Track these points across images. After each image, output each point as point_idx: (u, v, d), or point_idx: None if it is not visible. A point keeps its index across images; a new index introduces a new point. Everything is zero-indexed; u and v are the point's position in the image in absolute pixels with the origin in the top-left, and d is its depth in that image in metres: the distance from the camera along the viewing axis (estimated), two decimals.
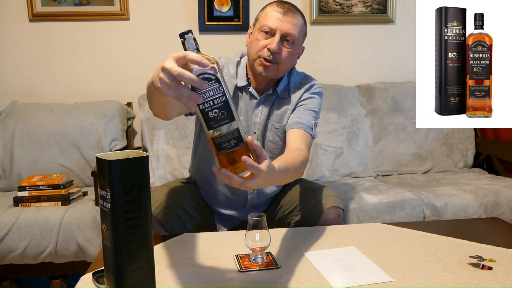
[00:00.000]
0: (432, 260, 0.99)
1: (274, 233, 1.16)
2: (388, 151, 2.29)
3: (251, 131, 1.34)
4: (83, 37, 2.35)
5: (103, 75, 2.38)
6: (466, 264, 0.97)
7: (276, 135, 1.35)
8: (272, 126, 1.34)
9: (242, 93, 1.33)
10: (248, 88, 1.32)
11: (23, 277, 1.85)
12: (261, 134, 1.34)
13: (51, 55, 2.35)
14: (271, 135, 1.35)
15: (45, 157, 2.09)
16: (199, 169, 1.40)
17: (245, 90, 1.33)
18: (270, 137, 1.35)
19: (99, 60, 2.37)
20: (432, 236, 1.14)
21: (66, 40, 2.35)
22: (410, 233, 1.17)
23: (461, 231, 1.19)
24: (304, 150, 1.19)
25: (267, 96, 1.33)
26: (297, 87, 1.36)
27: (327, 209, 1.26)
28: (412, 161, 2.29)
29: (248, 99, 1.33)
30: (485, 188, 1.85)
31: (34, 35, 2.33)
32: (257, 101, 1.32)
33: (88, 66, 2.37)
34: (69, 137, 2.11)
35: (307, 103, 1.33)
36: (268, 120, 1.34)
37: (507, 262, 0.98)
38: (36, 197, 1.80)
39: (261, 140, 1.34)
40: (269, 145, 1.36)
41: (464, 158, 2.34)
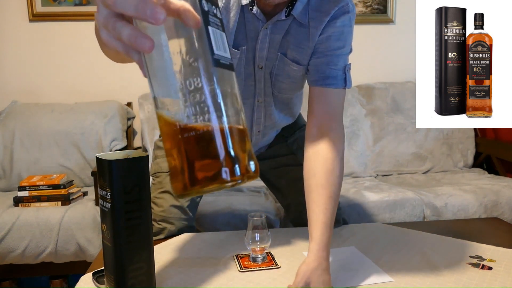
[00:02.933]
0: (432, 260, 0.99)
1: (274, 233, 1.16)
2: (388, 151, 2.29)
3: (256, 65, 1.01)
4: (83, 37, 2.35)
5: (103, 75, 2.38)
6: (466, 264, 0.97)
7: (292, 78, 1.03)
8: (286, 65, 1.01)
9: (246, 15, 0.96)
10: (252, 8, 0.93)
11: (23, 277, 1.85)
12: (269, 71, 1.03)
13: (51, 55, 2.35)
14: (284, 75, 1.03)
15: (45, 157, 2.09)
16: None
17: (248, 10, 0.95)
18: (283, 78, 1.03)
19: (99, 60, 2.37)
20: (432, 236, 1.14)
21: (66, 40, 2.35)
22: (410, 233, 1.17)
23: (461, 231, 1.19)
24: (340, 149, 0.96)
25: (278, 21, 0.96)
26: (319, 9, 0.96)
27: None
28: (412, 161, 2.29)
29: (253, 23, 0.97)
30: (485, 188, 1.85)
31: (35, 35, 2.33)
32: (263, 26, 0.95)
33: (88, 66, 2.37)
34: (69, 137, 2.11)
35: (335, 40, 0.97)
36: (281, 56, 1.00)
37: (507, 262, 0.98)
38: (36, 197, 1.80)
39: (269, 79, 1.04)
40: (280, 87, 1.06)
41: (464, 158, 2.34)
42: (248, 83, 1.04)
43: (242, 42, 0.97)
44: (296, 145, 1.29)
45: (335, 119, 0.98)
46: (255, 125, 1.14)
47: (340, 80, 0.98)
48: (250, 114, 1.10)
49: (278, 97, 1.09)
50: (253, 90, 1.06)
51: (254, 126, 1.14)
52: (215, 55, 0.38)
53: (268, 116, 1.13)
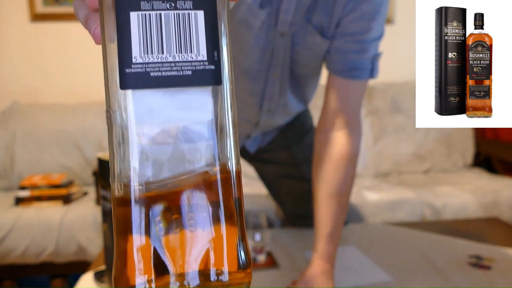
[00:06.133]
0: (431, 260, 0.99)
1: (274, 233, 1.17)
2: (387, 151, 2.29)
3: (277, 31, 0.85)
4: (84, 38, 2.35)
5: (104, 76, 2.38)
6: (465, 263, 0.97)
7: (311, 51, 0.88)
8: (309, 34, 0.85)
9: None
10: None
11: (24, 276, 1.85)
12: (290, 39, 0.86)
13: (52, 56, 2.35)
14: (305, 46, 0.87)
15: (46, 157, 2.09)
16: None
17: None
18: (303, 49, 0.88)
19: (100, 60, 2.36)
20: (432, 236, 1.15)
21: (67, 41, 2.35)
22: (410, 233, 1.17)
23: (460, 231, 1.20)
24: (356, 148, 0.86)
25: None
26: None
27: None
28: (412, 161, 2.30)
29: None
30: (484, 188, 1.85)
31: (35, 35, 2.33)
32: None
33: (88, 66, 2.37)
34: (70, 137, 2.11)
35: (368, 20, 0.82)
36: (306, 22, 0.84)
37: (506, 262, 0.98)
38: (37, 196, 1.80)
39: (289, 48, 0.88)
40: (296, 60, 0.90)
41: (463, 158, 2.34)
42: (265, 52, 0.88)
43: (265, 2, 0.81)
44: (301, 156, 1.19)
45: (354, 114, 0.87)
46: (266, 101, 0.98)
47: (367, 71, 0.85)
48: (262, 87, 0.95)
49: (294, 72, 0.95)
50: (269, 61, 0.90)
51: (265, 102, 0.98)
52: (133, 65, 0.24)
53: (282, 93, 0.98)
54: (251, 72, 0.91)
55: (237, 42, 0.86)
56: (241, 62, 0.89)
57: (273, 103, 0.99)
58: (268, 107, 0.99)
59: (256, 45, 0.86)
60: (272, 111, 1.01)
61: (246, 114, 1.01)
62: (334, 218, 0.82)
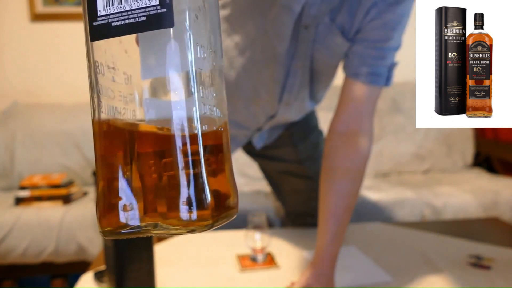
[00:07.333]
0: (431, 259, 0.99)
1: (274, 233, 1.17)
2: (387, 151, 2.29)
3: (302, 23, 0.86)
4: (84, 38, 2.35)
5: None
6: (465, 263, 0.97)
7: (330, 51, 0.89)
8: (330, 33, 0.86)
9: None
10: None
11: (24, 276, 1.85)
12: (313, 32, 0.87)
13: (52, 56, 2.35)
14: (325, 44, 0.88)
15: (46, 157, 2.09)
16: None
17: None
18: (323, 47, 0.89)
19: None
20: (431, 236, 1.15)
21: (67, 41, 2.35)
22: (410, 233, 1.17)
23: (460, 230, 1.20)
24: (367, 152, 0.87)
25: None
26: None
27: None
28: (412, 161, 2.30)
29: None
30: (484, 188, 1.85)
31: (36, 35, 2.33)
32: None
33: None
34: (70, 137, 2.11)
35: (390, 29, 0.83)
36: (329, 20, 0.85)
37: (506, 262, 0.98)
38: (37, 196, 1.80)
39: (311, 41, 0.88)
40: (315, 56, 0.92)
41: (463, 158, 2.34)
42: (291, 41, 0.88)
43: None
44: (305, 154, 1.21)
45: (367, 118, 0.89)
46: (286, 93, 0.97)
47: (383, 78, 0.87)
48: (283, 78, 0.94)
49: (312, 69, 0.96)
50: (293, 51, 0.90)
51: (285, 94, 0.97)
52: (98, 18, 0.26)
53: (301, 87, 0.98)
54: (281, 58, 0.91)
55: (277, 26, 0.87)
56: (277, 45, 0.89)
57: (292, 96, 0.99)
58: (287, 100, 0.99)
59: (284, 36, 0.87)
60: (290, 104, 1.01)
61: (265, 105, 1.01)
62: (340, 218, 0.82)
